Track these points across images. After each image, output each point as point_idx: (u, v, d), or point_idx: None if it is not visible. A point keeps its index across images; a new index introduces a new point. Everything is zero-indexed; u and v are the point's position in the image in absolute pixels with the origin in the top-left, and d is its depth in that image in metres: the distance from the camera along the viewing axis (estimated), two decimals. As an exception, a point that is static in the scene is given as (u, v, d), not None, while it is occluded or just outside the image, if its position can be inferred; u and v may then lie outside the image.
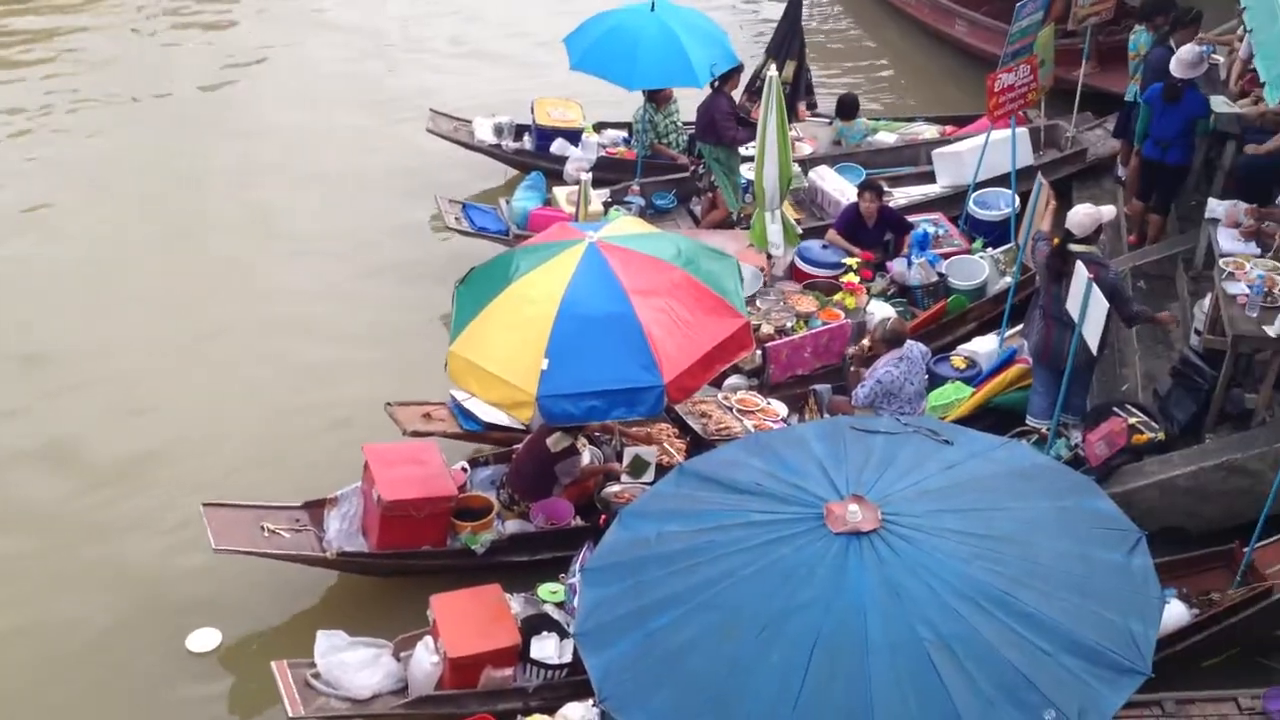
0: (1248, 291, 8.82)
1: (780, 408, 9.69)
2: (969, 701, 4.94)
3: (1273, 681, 7.41)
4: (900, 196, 12.52)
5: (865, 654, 5.06)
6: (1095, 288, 8.06)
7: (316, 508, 8.61)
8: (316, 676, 7.46)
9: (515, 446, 9.09)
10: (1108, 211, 9.18)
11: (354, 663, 7.49)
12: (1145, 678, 5.14)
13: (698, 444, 9.20)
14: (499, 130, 13.54)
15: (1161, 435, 8.95)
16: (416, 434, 9.16)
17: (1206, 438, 8.93)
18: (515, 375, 7.73)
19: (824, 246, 11.39)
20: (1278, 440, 8.46)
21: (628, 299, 7.88)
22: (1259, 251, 9.50)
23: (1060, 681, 5.01)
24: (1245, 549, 7.90)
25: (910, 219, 11.67)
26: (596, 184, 11.73)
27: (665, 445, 9.25)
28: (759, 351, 9.95)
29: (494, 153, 13.60)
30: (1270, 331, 8.58)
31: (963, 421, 9.21)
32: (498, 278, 8.25)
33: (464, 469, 9.00)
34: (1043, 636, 5.09)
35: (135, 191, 13.54)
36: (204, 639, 8.25)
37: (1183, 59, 10.67)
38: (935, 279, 10.97)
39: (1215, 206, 10.16)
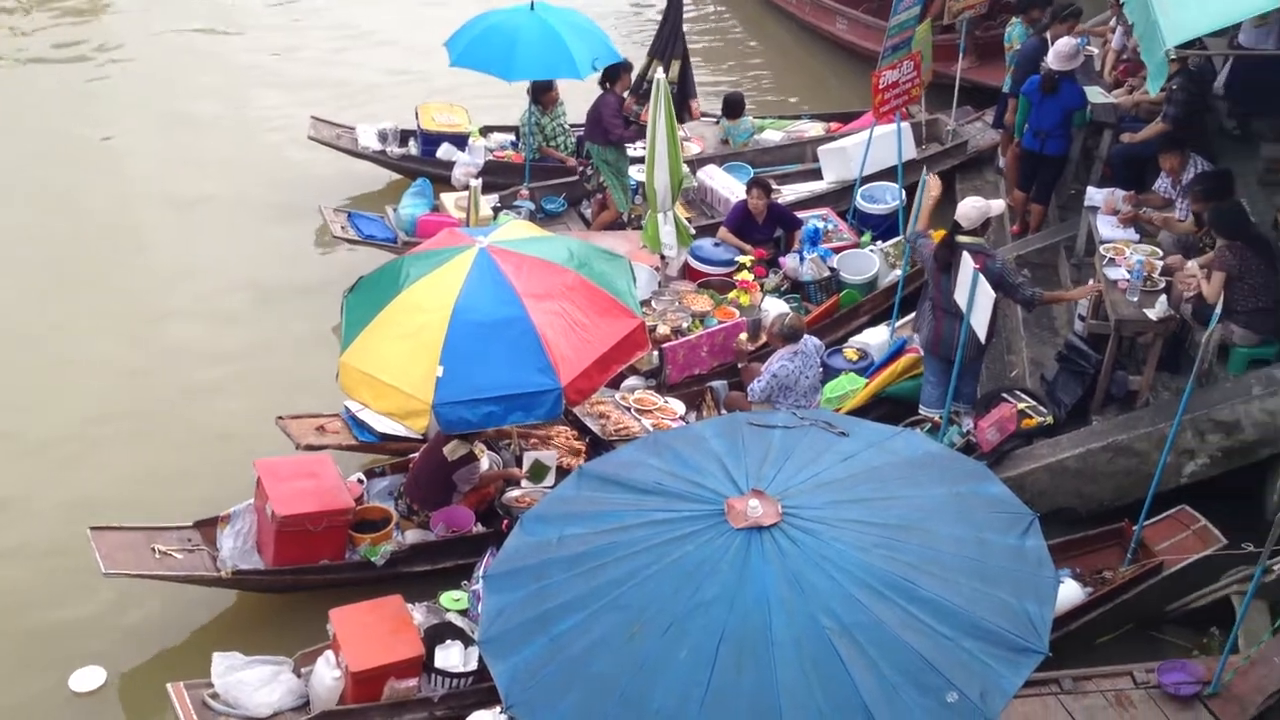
0: (1128, 277, 9.05)
1: (678, 406, 9.71)
2: (873, 688, 4.99)
3: (1165, 655, 7.61)
4: (788, 193, 12.65)
5: (770, 646, 5.09)
6: (981, 278, 8.20)
7: (208, 526, 8.40)
8: (215, 697, 7.27)
9: (412, 456, 8.98)
10: (996, 205, 9.34)
11: (253, 681, 7.33)
12: (1043, 657, 5.23)
13: (597, 445, 9.18)
14: (383, 136, 13.39)
15: (1050, 419, 9.15)
16: (310, 447, 9.01)
17: (1093, 420, 9.14)
18: (409, 384, 7.62)
19: (716, 244, 11.45)
20: (1162, 420, 8.69)
21: (521, 303, 7.81)
22: (1137, 237, 9.77)
23: (961, 664, 5.08)
24: (1135, 527, 8.11)
25: (799, 215, 11.78)
26: (485, 189, 11.64)
27: (562, 445, 9.21)
28: (656, 352, 9.96)
29: (379, 159, 13.44)
30: (1151, 315, 8.82)
31: (857, 412, 9.32)
32: (387, 286, 8.13)
33: (360, 481, 8.86)
34: (943, 621, 5.16)
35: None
36: (87, 678, 7.92)
37: (1060, 51, 10.93)
38: (827, 274, 11.09)
39: (1094, 194, 10.43)
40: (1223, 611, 7.92)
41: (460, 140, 13.30)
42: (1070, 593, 7.80)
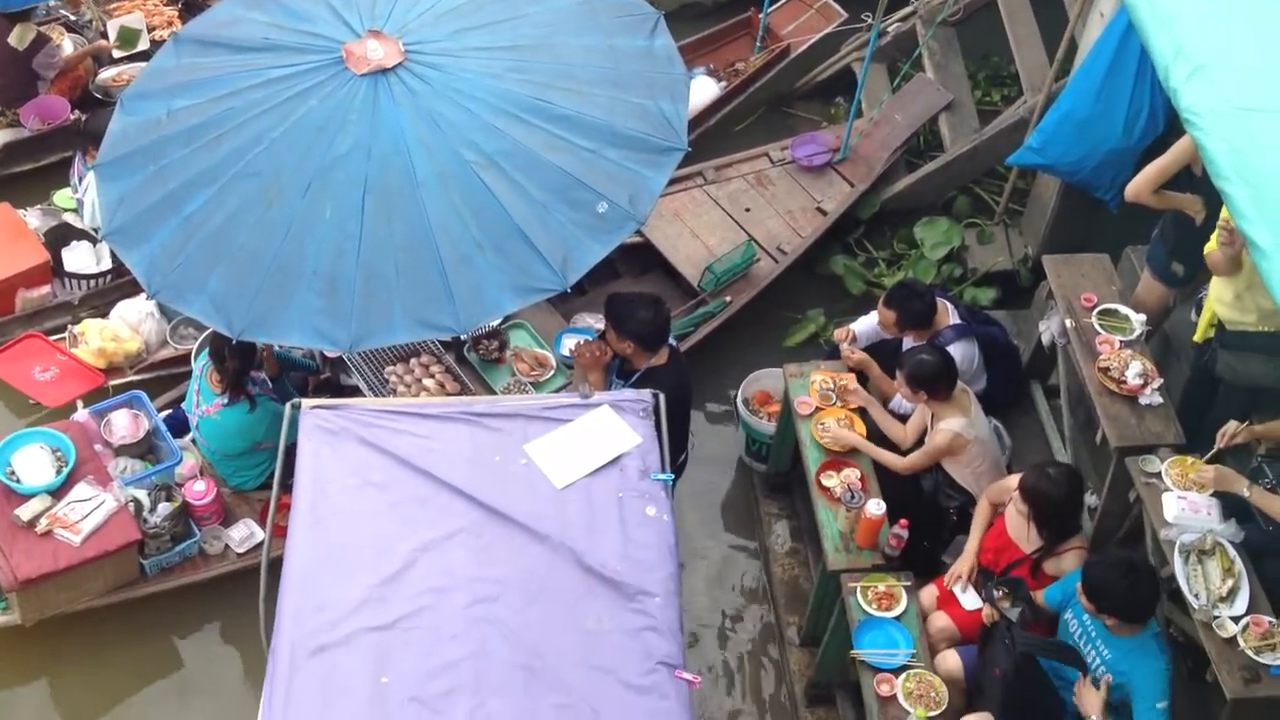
0: None
1: (271, -51, 8.85)
2: (524, 211, 5.01)
3: (798, 131, 7.92)
4: None
5: (416, 188, 5.01)
6: None
7: None
8: None
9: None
10: None
11: None
12: (683, 153, 5.36)
13: (191, 8, 8.32)
14: None
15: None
16: None
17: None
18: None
19: None
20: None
21: None
22: None
23: (607, 174, 5.15)
24: (760, 15, 8.16)
25: None
26: None
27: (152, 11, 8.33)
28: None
29: None
30: None
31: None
32: None
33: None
34: (583, 135, 5.16)
35: None
36: None
37: None
38: None
39: None
40: (847, 81, 8.24)
41: None
42: (705, 89, 7.91)
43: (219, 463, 6.10)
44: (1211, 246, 5.16)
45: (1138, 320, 5.69)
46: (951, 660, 5.16)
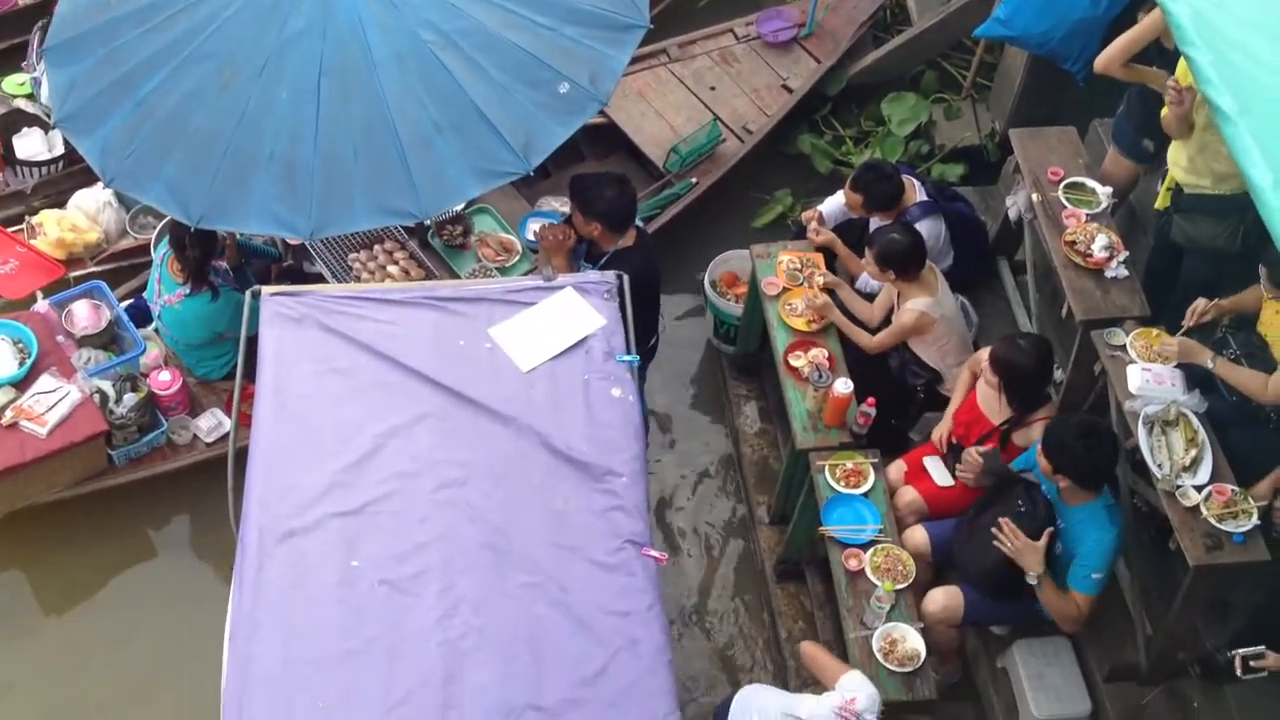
0: None
1: None
2: (484, 92, 4.92)
3: (761, 6, 7.77)
4: None
5: (373, 69, 4.90)
6: None
7: None
8: None
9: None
10: None
11: None
12: (645, 30, 5.25)
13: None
14: None
15: None
16: None
17: None
18: None
19: None
20: None
21: None
22: None
23: (567, 53, 5.05)
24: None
25: None
26: None
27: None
28: None
29: None
30: None
31: None
32: None
33: None
34: (541, 12, 5.05)
35: None
36: None
37: None
38: None
39: None
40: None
41: None
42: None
43: (183, 353, 6.05)
44: (1165, 110, 5.14)
45: (1104, 193, 5.66)
46: (919, 535, 5.24)
